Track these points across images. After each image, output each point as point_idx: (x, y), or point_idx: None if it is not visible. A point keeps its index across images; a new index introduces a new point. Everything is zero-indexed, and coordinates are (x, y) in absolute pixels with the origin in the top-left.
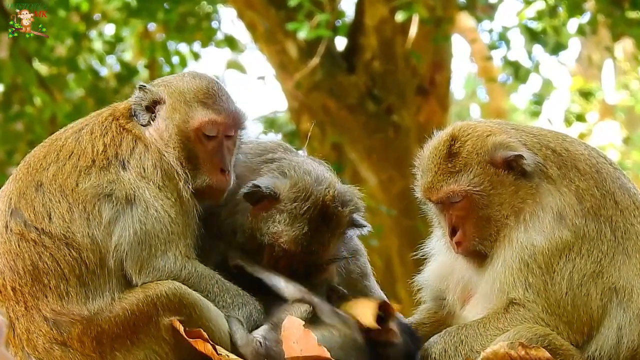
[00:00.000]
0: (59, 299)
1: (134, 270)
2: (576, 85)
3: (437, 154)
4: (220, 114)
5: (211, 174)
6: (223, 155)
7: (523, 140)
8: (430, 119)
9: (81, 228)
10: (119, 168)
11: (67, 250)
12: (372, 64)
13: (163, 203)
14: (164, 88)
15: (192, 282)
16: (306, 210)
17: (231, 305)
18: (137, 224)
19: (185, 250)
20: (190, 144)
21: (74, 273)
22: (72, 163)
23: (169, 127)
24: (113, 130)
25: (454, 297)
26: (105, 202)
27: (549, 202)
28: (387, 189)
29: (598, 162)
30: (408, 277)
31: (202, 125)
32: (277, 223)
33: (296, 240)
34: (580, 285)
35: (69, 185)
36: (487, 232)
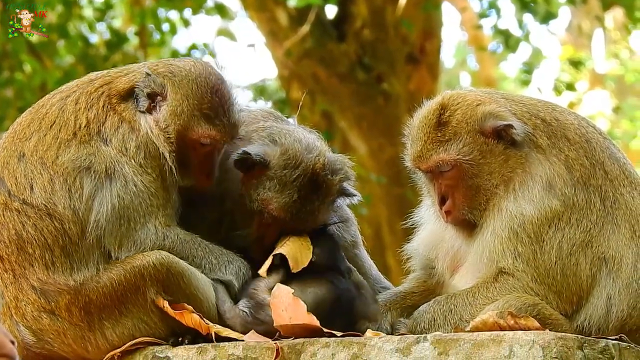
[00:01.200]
0: (45, 269)
1: (113, 246)
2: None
3: (426, 123)
4: (221, 130)
5: (198, 177)
6: (213, 162)
7: (513, 109)
8: (420, 88)
9: (62, 200)
10: (100, 143)
11: (50, 221)
12: (363, 32)
13: (143, 179)
14: (167, 82)
15: (176, 249)
16: (296, 177)
17: (217, 266)
18: (115, 198)
19: (165, 220)
20: (185, 148)
21: (58, 244)
22: (53, 134)
23: (168, 126)
24: (99, 106)
25: (443, 266)
26: (85, 175)
27: (538, 172)
28: (377, 157)
29: (588, 131)
30: (397, 245)
31: (201, 138)
32: (267, 190)
33: (285, 207)
34: (570, 254)
35: (49, 157)
36: (476, 202)
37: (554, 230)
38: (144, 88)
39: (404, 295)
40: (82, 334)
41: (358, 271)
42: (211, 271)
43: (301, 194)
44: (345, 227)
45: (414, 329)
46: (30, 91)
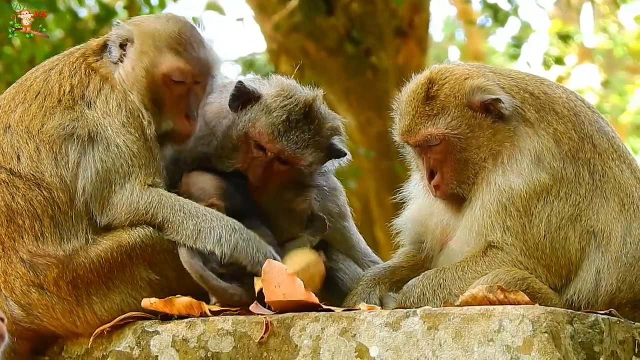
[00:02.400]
0: (34, 240)
1: (97, 211)
2: (555, 28)
3: (414, 97)
4: (190, 62)
5: (175, 118)
6: (189, 101)
7: (501, 83)
8: (408, 61)
9: (49, 167)
10: (84, 107)
11: (39, 190)
12: (351, 5)
13: (125, 138)
14: (134, 27)
15: (150, 211)
16: (288, 103)
17: (195, 232)
18: (98, 162)
19: (145, 178)
20: (157, 88)
21: (47, 213)
22: (38, 103)
23: (135, 69)
24: (82, 72)
25: (432, 241)
26: (69, 142)
27: (526, 145)
28: (366, 131)
29: (576, 105)
30: (386, 220)
31: (170, 72)
32: (256, 112)
33: (272, 127)
34: (559, 228)
35: (35, 127)
36: (465, 175)
37: (543, 204)
38: (115, 39)
39: (393, 269)
40: (71, 309)
41: (345, 244)
42: (188, 239)
43: (291, 118)
44: (332, 195)
45: (404, 303)
46: (19, 65)
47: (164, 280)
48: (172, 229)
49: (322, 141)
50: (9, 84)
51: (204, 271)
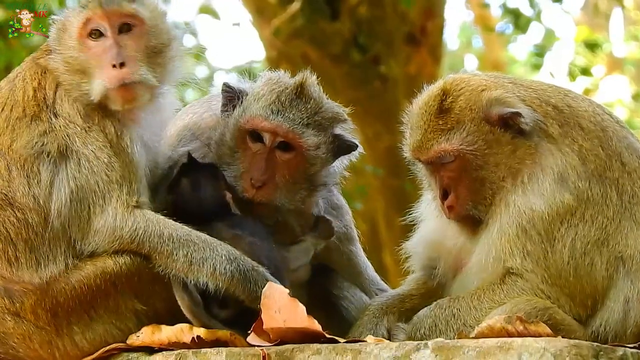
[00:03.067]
0: (8, 265)
1: (78, 237)
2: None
3: (427, 110)
4: (98, 9)
5: (103, 73)
6: (113, 50)
7: (521, 95)
8: (420, 71)
9: (21, 187)
10: (50, 115)
11: (11, 211)
12: (358, 9)
13: (93, 148)
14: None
15: (138, 241)
16: (277, 87)
17: (185, 264)
18: (71, 181)
19: (128, 199)
20: (77, 53)
21: (21, 236)
22: (5, 116)
23: (60, 46)
24: (39, 74)
25: (445, 267)
26: (40, 160)
27: (549, 163)
28: (373, 146)
29: (603, 119)
30: (395, 243)
31: (80, 28)
32: (245, 105)
33: (264, 109)
34: (584, 253)
35: (4, 143)
36: (481, 196)
37: (567, 227)
38: (52, 34)
39: (403, 297)
40: (50, 339)
41: (351, 270)
42: (178, 271)
43: (281, 98)
44: (337, 214)
45: (414, 335)
46: None
47: (151, 311)
48: (161, 261)
49: (324, 124)
50: None
51: (196, 308)
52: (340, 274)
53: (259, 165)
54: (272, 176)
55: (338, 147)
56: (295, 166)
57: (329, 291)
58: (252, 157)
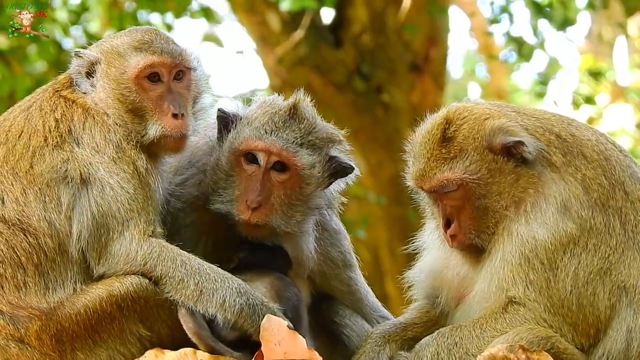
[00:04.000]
0: (16, 290)
1: (95, 260)
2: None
3: (430, 139)
4: (160, 55)
5: (162, 121)
6: (172, 98)
7: (524, 124)
8: (423, 99)
9: (37, 211)
10: (72, 145)
11: (24, 236)
12: (361, 38)
13: (119, 178)
14: (97, 48)
15: (150, 264)
16: (269, 109)
17: (196, 293)
18: (94, 206)
19: (145, 227)
20: (133, 94)
21: (32, 261)
22: (24, 143)
23: (106, 84)
24: (62, 105)
25: (448, 295)
26: (62, 185)
27: (552, 192)
28: (376, 175)
29: (607, 148)
30: (398, 272)
31: (140, 71)
32: (239, 128)
33: (257, 130)
34: (586, 283)
35: (22, 167)
36: (484, 224)
37: (569, 257)
38: (79, 69)
39: (405, 326)
40: None
41: (352, 297)
42: (188, 299)
43: (275, 119)
44: (335, 240)
45: None
46: None
47: (154, 336)
48: (171, 286)
49: (319, 144)
50: None
51: (201, 331)
52: (341, 301)
53: (254, 186)
54: (267, 197)
55: (334, 169)
56: (291, 187)
57: (331, 319)
58: (247, 179)
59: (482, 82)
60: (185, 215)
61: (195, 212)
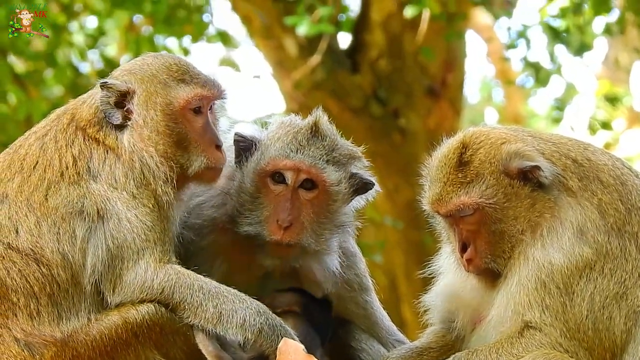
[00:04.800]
0: (29, 319)
1: (109, 290)
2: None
3: (446, 163)
4: (204, 86)
5: (207, 152)
6: (214, 130)
7: (541, 148)
8: (440, 124)
9: (50, 243)
10: (90, 182)
11: (37, 266)
12: (378, 62)
13: (138, 212)
14: (130, 77)
15: (168, 292)
16: (291, 128)
17: (215, 315)
18: (109, 239)
19: (161, 255)
20: (179, 126)
21: (45, 291)
22: (39, 175)
23: (150, 115)
24: (80, 141)
25: (464, 320)
26: (77, 219)
27: (568, 217)
28: (393, 199)
29: (623, 173)
30: (414, 296)
31: (188, 102)
32: (262, 150)
33: (283, 150)
34: (603, 307)
35: (36, 199)
36: (500, 249)
37: (586, 281)
38: (108, 100)
39: (421, 350)
40: None
41: (368, 321)
42: (207, 322)
43: (298, 138)
44: (351, 262)
45: None
46: (14, 124)
47: None
48: (190, 311)
49: (342, 160)
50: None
51: (221, 354)
52: (357, 325)
53: (284, 205)
54: (298, 216)
55: (356, 185)
56: (319, 204)
57: (347, 343)
58: (276, 199)
59: (498, 107)
60: (202, 237)
61: (212, 234)
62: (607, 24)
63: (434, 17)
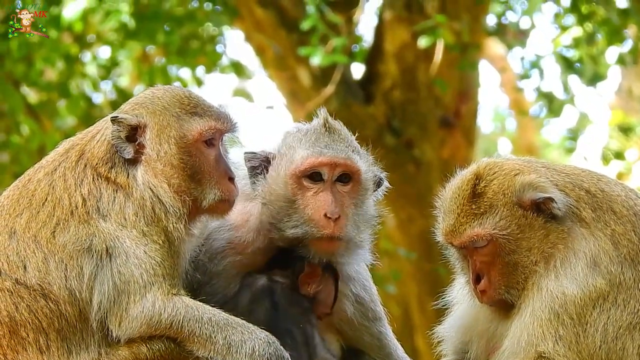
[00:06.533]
0: (39, 353)
1: (115, 324)
2: (615, 120)
3: (460, 194)
4: (218, 119)
5: (220, 184)
6: (227, 162)
7: (554, 180)
8: (454, 154)
9: (58, 280)
10: (99, 221)
11: (45, 302)
12: (392, 93)
13: (147, 248)
14: (141, 110)
15: (176, 326)
16: (307, 130)
17: (224, 347)
18: (116, 275)
19: (170, 288)
20: (192, 159)
21: (53, 326)
22: (47, 212)
23: (164, 149)
24: (90, 180)
25: (477, 350)
26: (85, 257)
27: (582, 248)
28: (406, 230)
29: (636, 204)
30: (428, 327)
31: (203, 134)
32: (286, 157)
33: (313, 148)
34: (616, 338)
35: (43, 236)
36: (514, 280)
37: (599, 312)
38: (119, 134)
39: None
40: None
41: (381, 352)
42: (217, 354)
43: (319, 135)
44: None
45: None
46: (27, 155)
47: None
48: (200, 344)
49: (358, 149)
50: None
51: None
52: (370, 356)
53: (327, 199)
54: (342, 208)
55: (374, 177)
56: (354, 195)
57: None
58: (314, 197)
59: (512, 137)
60: (216, 264)
61: (227, 258)
62: (620, 54)
63: (448, 48)
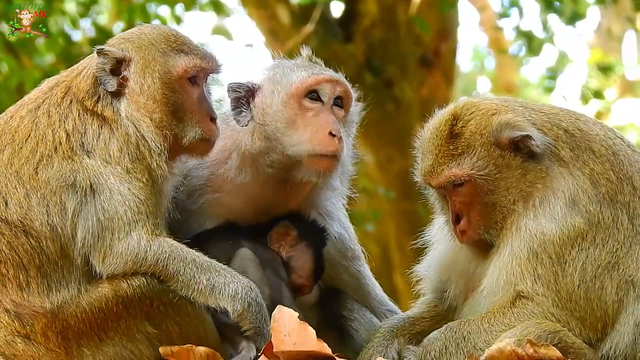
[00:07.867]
0: (19, 290)
1: (98, 260)
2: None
3: (437, 135)
4: (203, 58)
5: (202, 123)
6: (210, 102)
7: (532, 119)
8: (433, 93)
9: (39, 216)
10: (83, 157)
11: (25, 238)
12: (372, 32)
13: (131, 186)
14: (127, 45)
15: (160, 263)
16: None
17: (208, 287)
18: (100, 212)
19: (154, 228)
20: (175, 95)
21: (34, 263)
22: (30, 148)
23: (147, 83)
24: (75, 116)
25: (456, 290)
26: (69, 193)
27: (560, 187)
28: (385, 169)
29: (615, 143)
30: (407, 266)
31: (187, 72)
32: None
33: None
34: (594, 277)
35: (26, 172)
36: (493, 220)
37: (577, 251)
38: (103, 67)
39: (413, 320)
40: None
41: (360, 291)
42: (200, 294)
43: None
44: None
45: (424, 358)
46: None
47: (162, 334)
48: (183, 283)
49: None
50: None
51: None
52: (349, 295)
53: (330, 118)
54: (340, 129)
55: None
56: (346, 121)
57: (339, 313)
58: (315, 117)
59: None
60: (192, 201)
61: (204, 196)
62: None
63: None
